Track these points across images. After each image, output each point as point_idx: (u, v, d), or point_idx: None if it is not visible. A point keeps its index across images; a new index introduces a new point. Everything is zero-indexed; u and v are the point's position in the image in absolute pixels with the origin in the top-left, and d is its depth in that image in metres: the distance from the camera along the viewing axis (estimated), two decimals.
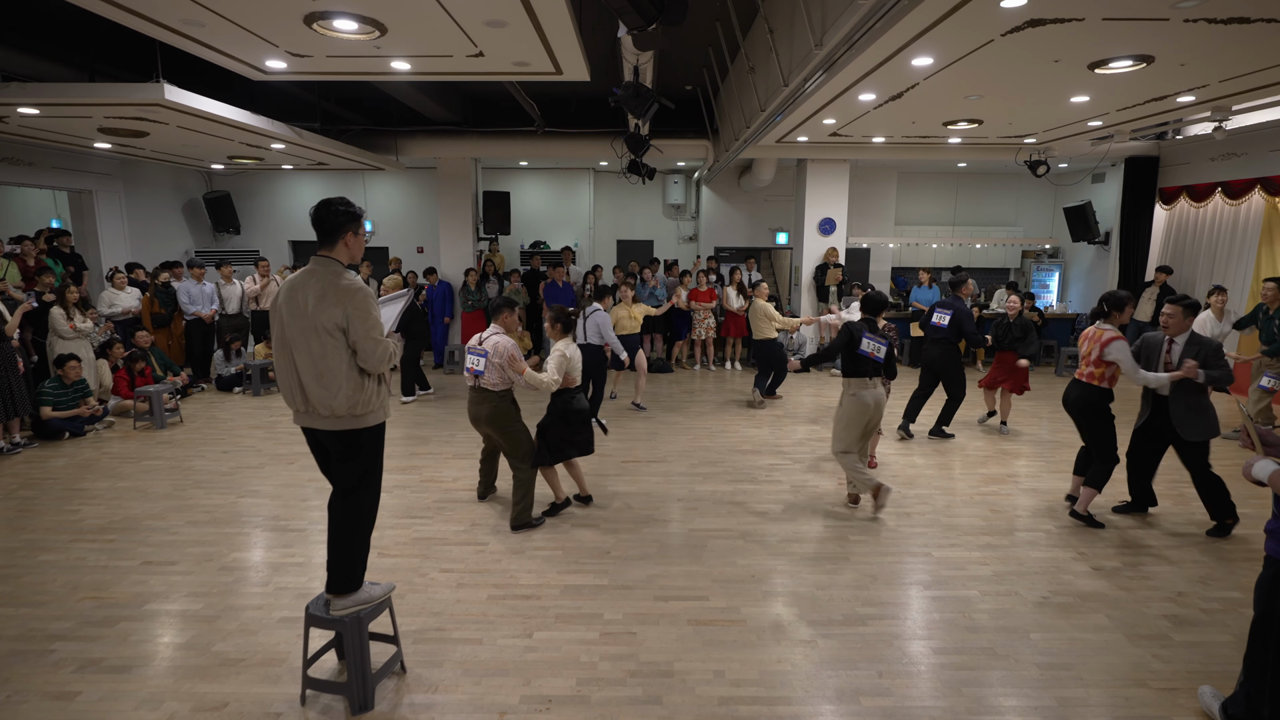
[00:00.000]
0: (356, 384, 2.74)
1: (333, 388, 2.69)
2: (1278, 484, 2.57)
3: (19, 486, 5.60)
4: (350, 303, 2.67)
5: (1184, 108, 7.01)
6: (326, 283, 2.68)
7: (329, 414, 2.73)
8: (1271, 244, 8.63)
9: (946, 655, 3.35)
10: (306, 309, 2.67)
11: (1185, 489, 5.58)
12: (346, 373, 2.71)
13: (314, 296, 2.66)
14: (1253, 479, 2.67)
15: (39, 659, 3.28)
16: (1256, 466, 2.64)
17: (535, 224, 13.94)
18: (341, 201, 2.81)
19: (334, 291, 2.66)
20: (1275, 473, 2.59)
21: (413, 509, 5.11)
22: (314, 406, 2.74)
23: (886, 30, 4.21)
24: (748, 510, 5.13)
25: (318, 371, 2.69)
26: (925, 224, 13.73)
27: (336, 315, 2.66)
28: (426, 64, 5.83)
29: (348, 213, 2.78)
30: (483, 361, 4.63)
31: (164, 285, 9.18)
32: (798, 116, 7.26)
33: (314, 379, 2.70)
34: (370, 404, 2.80)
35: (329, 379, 2.69)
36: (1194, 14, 4.23)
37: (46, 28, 7.09)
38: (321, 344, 2.67)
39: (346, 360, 2.72)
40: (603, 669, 3.23)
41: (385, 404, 2.90)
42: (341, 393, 2.70)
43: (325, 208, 2.77)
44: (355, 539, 2.93)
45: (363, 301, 2.70)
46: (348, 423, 2.76)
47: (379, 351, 2.74)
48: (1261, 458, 2.68)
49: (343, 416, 2.74)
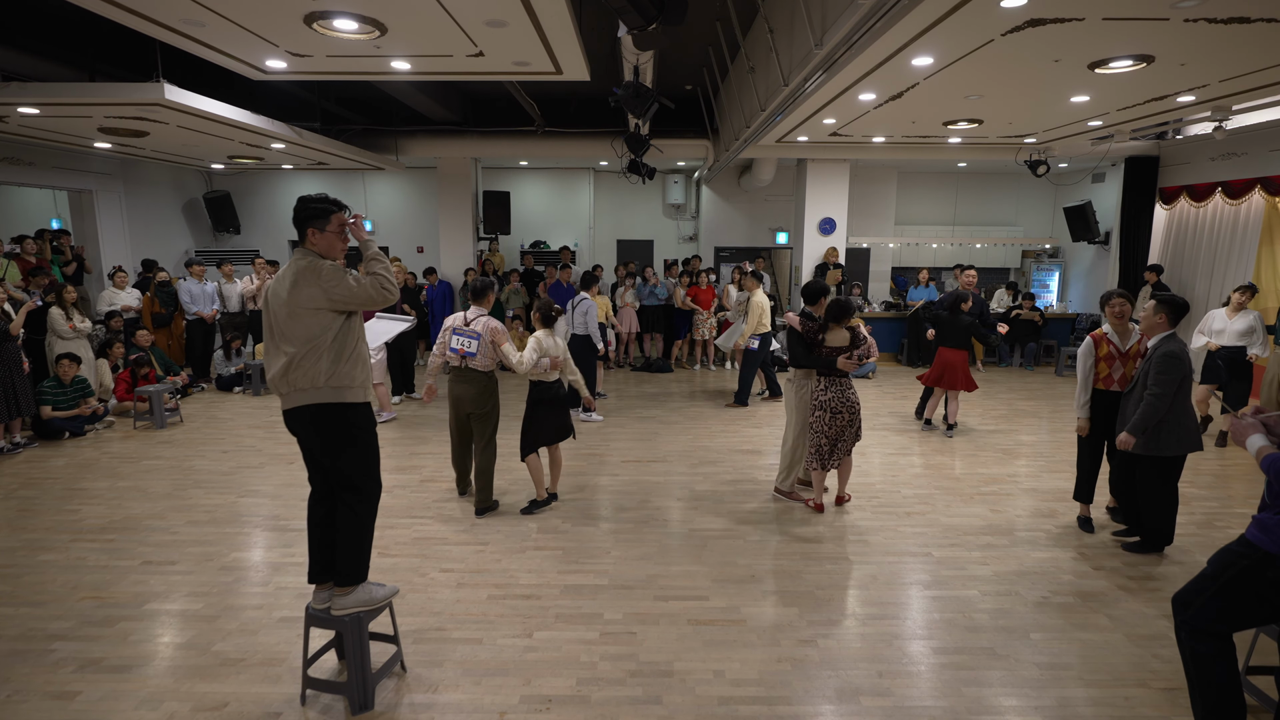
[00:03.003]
0: (337, 355, 2.82)
1: (314, 355, 2.78)
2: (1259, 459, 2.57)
3: (19, 486, 5.60)
4: (319, 279, 2.77)
5: (1184, 108, 7.01)
6: (296, 270, 2.80)
7: (310, 385, 2.79)
8: (1271, 244, 8.63)
9: (946, 655, 3.35)
10: (284, 295, 2.80)
11: (1185, 488, 5.58)
12: (329, 344, 2.80)
13: (288, 284, 2.79)
14: (1242, 445, 2.67)
15: (39, 659, 3.28)
16: (1252, 438, 2.63)
17: (535, 224, 13.94)
18: (319, 198, 2.87)
19: (303, 276, 2.78)
20: (1262, 448, 2.58)
21: (413, 509, 5.11)
22: (296, 382, 2.80)
23: (886, 30, 4.21)
24: (748, 510, 5.13)
25: (302, 342, 2.78)
26: (925, 224, 13.73)
27: (314, 295, 2.76)
28: (426, 64, 5.83)
29: (314, 209, 2.84)
30: (475, 343, 4.73)
31: (164, 285, 9.19)
32: (798, 116, 7.26)
33: (300, 351, 2.78)
34: (353, 377, 2.86)
35: (312, 351, 2.78)
36: (1194, 14, 4.23)
37: (46, 27, 7.08)
38: (304, 322, 2.78)
39: (331, 334, 2.81)
40: (603, 669, 3.23)
41: (366, 386, 2.95)
42: (324, 360, 2.79)
43: (299, 203, 2.88)
44: (364, 531, 2.96)
45: (330, 273, 2.79)
46: (326, 395, 2.81)
47: (368, 289, 2.83)
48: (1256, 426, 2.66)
49: (321, 388, 2.80)
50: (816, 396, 4.94)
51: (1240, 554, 2.54)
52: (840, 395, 4.90)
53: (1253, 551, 2.50)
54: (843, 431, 4.95)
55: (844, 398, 4.90)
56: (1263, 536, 2.48)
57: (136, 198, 11.12)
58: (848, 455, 5.07)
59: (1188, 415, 4.14)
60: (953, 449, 6.65)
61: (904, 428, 7.40)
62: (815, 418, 4.93)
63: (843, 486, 5.24)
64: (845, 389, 4.93)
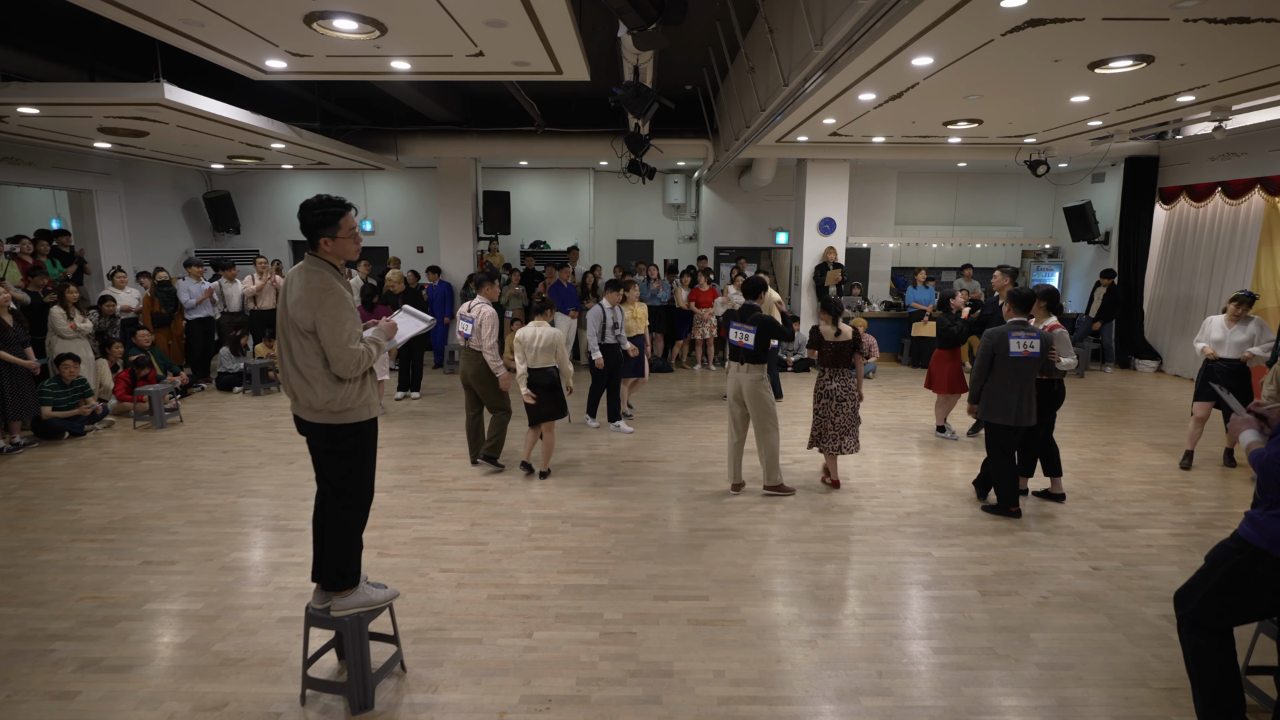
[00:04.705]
0: (331, 383, 2.74)
1: (310, 383, 2.74)
2: (1249, 454, 2.60)
3: (19, 486, 5.60)
4: (318, 308, 2.66)
5: (1184, 108, 7.01)
6: (303, 283, 2.70)
7: (308, 406, 2.78)
8: (1271, 244, 8.62)
9: (946, 655, 3.35)
10: (287, 308, 2.73)
11: (1185, 489, 5.59)
12: (321, 372, 2.73)
13: (293, 297, 2.71)
14: (1236, 441, 2.71)
15: (39, 658, 3.28)
16: (1244, 434, 2.67)
17: (535, 224, 13.94)
18: (321, 203, 2.76)
19: (306, 293, 2.68)
20: (1253, 443, 2.61)
21: (413, 509, 5.11)
22: (301, 401, 2.80)
23: (886, 30, 4.21)
24: (748, 510, 5.13)
25: (298, 366, 2.74)
26: (925, 224, 13.72)
27: (306, 318, 2.67)
28: (426, 64, 5.83)
29: (321, 215, 2.74)
30: (470, 327, 5.62)
31: (164, 285, 9.19)
32: (798, 116, 7.26)
33: (294, 373, 2.76)
34: (349, 401, 2.78)
35: (307, 375, 2.73)
36: (1194, 14, 4.23)
37: (46, 27, 7.08)
38: (299, 343, 2.73)
39: (321, 360, 2.73)
40: (603, 669, 3.23)
41: (370, 401, 2.87)
42: (318, 387, 2.73)
43: (303, 210, 2.76)
44: (349, 537, 2.93)
45: (332, 306, 2.67)
46: (326, 417, 2.79)
47: (345, 357, 2.70)
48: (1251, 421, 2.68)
49: (320, 411, 2.78)
50: (823, 385, 5.45)
51: (1233, 549, 2.56)
52: (844, 386, 5.40)
53: (1245, 547, 2.52)
54: (849, 419, 5.39)
55: (846, 387, 5.41)
56: (1254, 532, 2.51)
57: (136, 198, 11.12)
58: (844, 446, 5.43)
59: (998, 388, 4.89)
60: (953, 449, 6.65)
61: (904, 427, 7.40)
62: (822, 405, 5.44)
63: (835, 472, 5.64)
64: (848, 381, 5.41)
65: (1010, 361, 4.84)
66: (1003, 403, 4.87)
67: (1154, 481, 5.77)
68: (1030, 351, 4.82)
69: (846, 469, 6.00)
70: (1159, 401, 8.69)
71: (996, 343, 4.89)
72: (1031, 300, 4.98)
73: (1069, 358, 5.13)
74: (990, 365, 4.92)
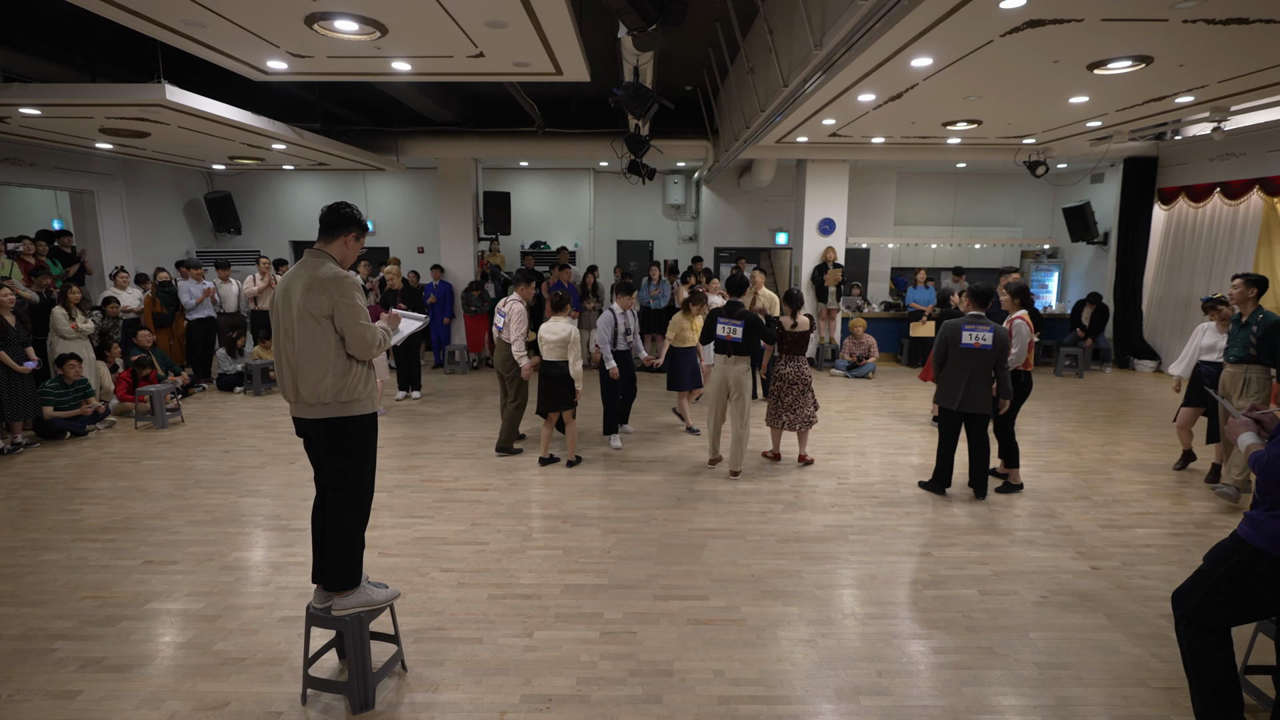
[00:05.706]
0: (343, 369, 2.83)
1: (320, 372, 2.79)
2: (1248, 456, 2.61)
3: (20, 486, 5.61)
4: (336, 290, 2.78)
5: (1183, 108, 7.02)
6: (312, 273, 2.81)
7: (316, 400, 2.81)
8: (1270, 244, 8.64)
9: (946, 655, 3.36)
10: (295, 298, 2.80)
11: (1185, 488, 5.60)
12: (334, 358, 2.81)
13: (302, 286, 2.79)
14: (1234, 443, 2.74)
15: (40, 658, 3.29)
16: (1243, 436, 2.69)
17: (535, 224, 13.95)
18: (351, 206, 2.98)
19: (319, 280, 2.78)
20: (1251, 446, 2.62)
21: (413, 509, 5.12)
22: (303, 395, 2.82)
23: (886, 31, 4.22)
24: (747, 510, 5.14)
25: (307, 356, 2.79)
26: (925, 224, 13.73)
27: (323, 303, 2.77)
28: (427, 64, 5.84)
29: (354, 216, 2.96)
30: (502, 320, 6.19)
31: (164, 285, 9.19)
32: (797, 117, 7.27)
33: (305, 363, 2.80)
34: (356, 391, 2.87)
35: (318, 363, 2.79)
36: (1193, 14, 4.24)
37: (47, 28, 7.10)
38: (309, 330, 2.78)
39: (334, 346, 2.81)
40: (603, 668, 3.24)
41: (373, 396, 2.96)
42: (329, 377, 2.79)
43: (338, 206, 2.95)
44: (350, 536, 2.95)
45: (347, 289, 2.80)
46: (334, 410, 2.83)
47: (367, 336, 2.84)
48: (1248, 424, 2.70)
49: (329, 404, 2.82)
50: (778, 370, 6.04)
51: (1232, 550, 2.57)
52: (797, 370, 5.97)
53: (1244, 547, 2.53)
54: (797, 400, 5.94)
55: (799, 373, 5.97)
56: (1253, 532, 2.51)
57: (137, 198, 11.12)
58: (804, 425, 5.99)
59: (950, 376, 5.20)
60: None
61: (904, 427, 7.41)
62: (776, 386, 6.04)
63: (803, 447, 6.17)
64: (801, 366, 6.00)
65: (961, 352, 5.11)
66: (951, 389, 5.17)
67: (1152, 481, 5.78)
68: (982, 344, 5.05)
69: (846, 469, 6.02)
70: (1158, 401, 8.70)
71: (950, 334, 5.18)
72: (989, 296, 5.25)
73: (1015, 349, 5.32)
74: (945, 355, 5.23)
